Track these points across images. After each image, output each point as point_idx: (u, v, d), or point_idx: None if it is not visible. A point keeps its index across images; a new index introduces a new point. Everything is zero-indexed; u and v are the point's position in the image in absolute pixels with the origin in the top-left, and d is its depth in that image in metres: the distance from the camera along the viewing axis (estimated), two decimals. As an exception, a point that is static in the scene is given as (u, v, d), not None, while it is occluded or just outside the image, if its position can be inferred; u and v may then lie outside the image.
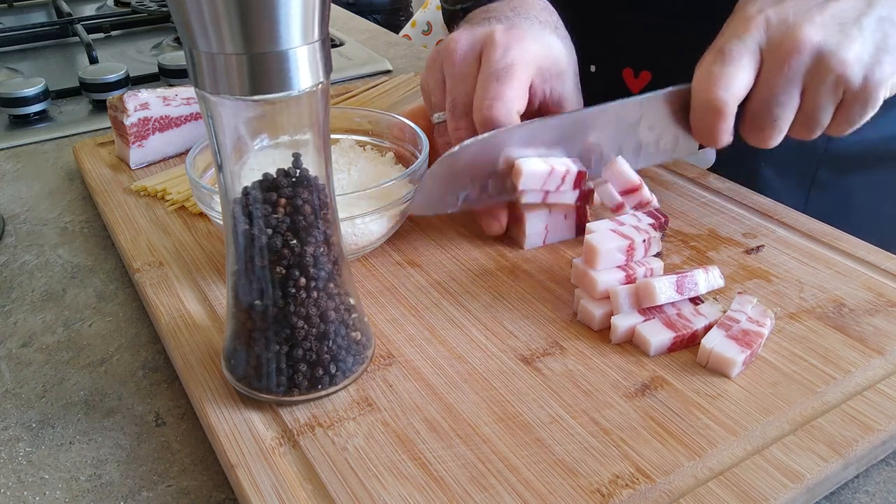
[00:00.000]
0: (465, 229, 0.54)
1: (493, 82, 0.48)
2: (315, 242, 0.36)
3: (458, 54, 0.51)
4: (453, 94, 0.50)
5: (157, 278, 0.49)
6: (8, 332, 0.48)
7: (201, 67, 0.31)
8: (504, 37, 0.50)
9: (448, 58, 0.51)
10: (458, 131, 0.50)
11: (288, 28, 0.30)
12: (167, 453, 0.39)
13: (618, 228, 0.45)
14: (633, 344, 0.42)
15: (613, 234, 0.45)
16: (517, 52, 0.49)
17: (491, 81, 0.48)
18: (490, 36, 0.50)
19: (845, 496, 0.35)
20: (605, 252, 0.44)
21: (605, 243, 0.44)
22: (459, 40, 0.51)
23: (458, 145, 0.47)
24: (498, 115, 0.48)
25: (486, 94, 0.48)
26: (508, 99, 0.48)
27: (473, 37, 0.51)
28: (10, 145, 0.75)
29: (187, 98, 0.65)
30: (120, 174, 0.64)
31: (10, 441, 0.39)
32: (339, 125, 0.58)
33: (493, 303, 0.46)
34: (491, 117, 0.48)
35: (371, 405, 0.38)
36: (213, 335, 0.44)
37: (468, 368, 0.41)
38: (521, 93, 0.49)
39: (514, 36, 0.50)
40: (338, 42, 1.01)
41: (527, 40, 0.50)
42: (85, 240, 0.58)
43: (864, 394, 0.38)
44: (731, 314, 0.42)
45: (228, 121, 0.33)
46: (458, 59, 0.51)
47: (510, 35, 0.50)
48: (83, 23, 1.04)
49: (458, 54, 0.51)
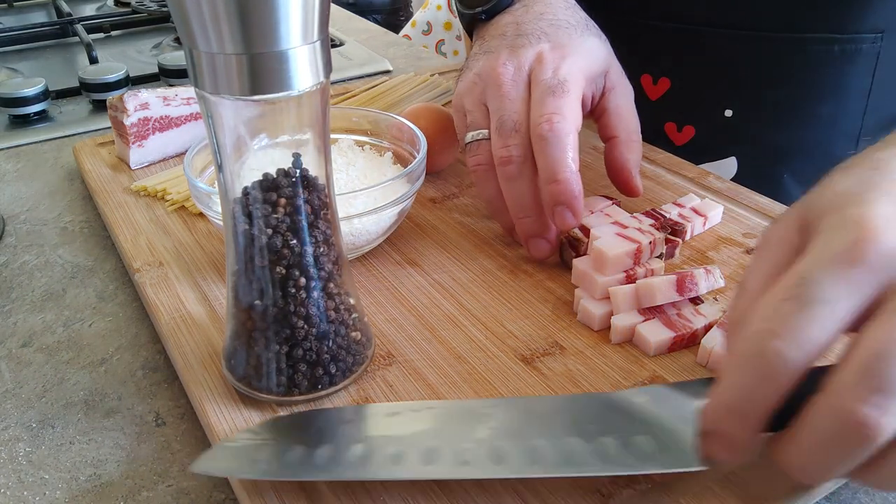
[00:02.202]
0: (465, 229, 0.54)
1: (549, 97, 0.47)
2: (315, 242, 0.36)
3: (507, 77, 0.49)
4: (500, 113, 0.48)
5: (157, 278, 0.49)
6: (8, 332, 0.48)
7: (201, 67, 0.31)
8: (552, 55, 0.50)
9: (494, 80, 0.50)
10: (505, 148, 0.47)
11: (288, 28, 0.30)
12: (167, 453, 0.39)
13: (623, 232, 0.45)
14: (633, 344, 0.42)
15: (620, 238, 0.45)
16: (567, 68, 0.49)
17: (547, 97, 0.47)
18: (539, 56, 0.50)
19: (845, 496, 0.35)
20: (615, 258, 0.44)
21: (615, 249, 0.44)
22: (505, 62, 0.50)
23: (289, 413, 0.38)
24: (560, 129, 0.45)
25: (545, 109, 0.46)
26: (568, 113, 0.46)
27: (519, 58, 0.50)
28: (10, 145, 0.75)
29: (187, 98, 0.65)
30: (120, 174, 0.64)
31: (10, 441, 0.39)
32: (338, 125, 0.58)
33: (493, 303, 0.46)
34: (553, 130, 0.45)
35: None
36: (213, 335, 0.44)
37: (468, 368, 0.41)
38: (578, 107, 0.48)
39: (561, 53, 0.50)
40: (338, 42, 1.01)
41: (572, 54, 0.50)
42: (85, 240, 0.58)
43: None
44: None
45: (228, 121, 0.33)
46: (507, 80, 0.49)
47: (556, 53, 0.50)
48: (83, 23, 1.04)
49: (507, 77, 0.49)
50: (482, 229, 0.54)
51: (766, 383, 0.28)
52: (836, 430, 0.27)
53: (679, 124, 0.72)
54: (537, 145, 0.46)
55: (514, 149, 0.47)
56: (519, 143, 0.47)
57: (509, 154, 0.47)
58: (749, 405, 0.29)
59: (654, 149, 0.64)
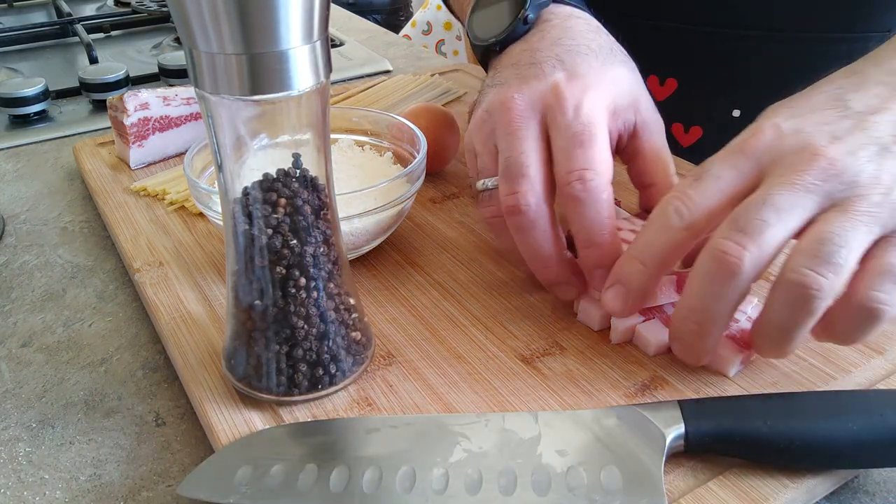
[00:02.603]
0: (465, 229, 0.54)
1: (577, 149, 0.41)
2: (315, 242, 0.36)
3: (516, 111, 0.43)
4: (507, 154, 0.43)
5: (157, 278, 0.49)
6: (8, 332, 0.48)
7: (201, 67, 0.31)
8: (569, 89, 0.43)
9: (503, 116, 0.44)
10: (512, 196, 0.41)
11: (288, 28, 0.30)
12: (167, 453, 0.39)
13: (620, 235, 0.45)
14: (634, 344, 0.42)
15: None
16: (589, 105, 0.43)
17: (575, 148, 0.41)
18: (554, 90, 0.43)
19: (845, 496, 0.35)
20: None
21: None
22: (514, 96, 0.44)
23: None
24: (595, 187, 0.40)
25: (575, 165, 0.41)
26: (600, 167, 0.41)
27: (531, 90, 0.44)
28: (10, 145, 0.75)
29: (187, 98, 0.65)
30: (120, 174, 0.64)
31: (10, 441, 0.39)
32: (338, 125, 0.58)
33: (493, 303, 0.46)
34: (587, 190, 0.40)
35: (371, 405, 0.38)
36: (213, 335, 0.44)
37: (468, 368, 0.41)
38: (609, 156, 0.42)
39: (580, 86, 0.43)
40: (338, 42, 1.01)
41: (593, 87, 0.44)
42: (85, 240, 0.58)
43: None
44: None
45: (228, 121, 0.33)
46: (516, 115, 0.43)
47: (575, 86, 0.43)
48: (83, 23, 1.04)
49: (516, 111, 0.43)
50: (482, 229, 0.54)
51: (661, 232, 0.37)
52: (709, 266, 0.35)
53: (686, 125, 0.72)
54: (570, 205, 0.41)
55: (521, 197, 0.41)
56: (528, 189, 0.41)
57: (517, 203, 0.41)
58: (646, 251, 0.37)
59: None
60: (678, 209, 0.37)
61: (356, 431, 0.36)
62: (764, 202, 0.34)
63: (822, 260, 0.33)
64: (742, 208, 0.35)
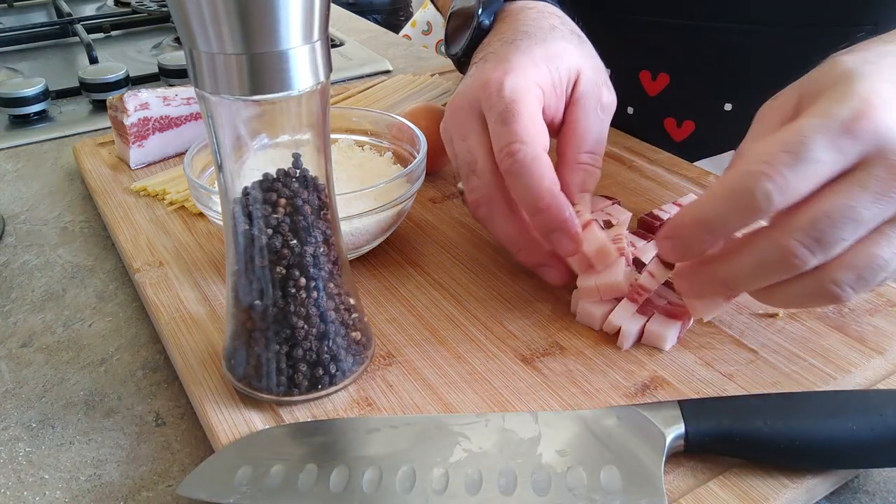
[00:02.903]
0: (465, 229, 0.54)
1: (500, 127, 0.42)
2: (315, 242, 0.36)
3: (458, 115, 0.46)
4: (458, 156, 0.46)
5: (157, 278, 0.49)
6: (8, 332, 0.48)
7: (201, 67, 0.31)
8: (494, 75, 0.44)
9: (452, 121, 0.46)
10: (472, 193, 0.44)
11: (288, 28, 0.30)
12: (167, 453, 0.39)
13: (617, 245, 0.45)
14: (641, 343, 0.42)
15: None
16: (511, 84, 0.43)
17: (498, 127, 0.43)
18: (482, 82, 0.45)
19: (845, 496, 0.35)
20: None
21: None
22: (456, 101, 0.46)
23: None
24: (523, 157, 0.41)
25: (500, 142, 0.42)
26: (526, 136, 0.42)
27: (467, 91, 0.46)
28: (10, 145, 0.75)
29: (187, 98, 0.65)
30: (120, 174, 0.64)
31: (10, 441, 0.39)
32: (338, 125, 0.58)
33: (493, 303, 0.46)
34: (517, 161, 0.41)
35: (371, 405, 0.38)
36: (213, 335, 0.44)
37: (468, 368, 0.41)
38: (537, 125, 0.43)
39: (503, 69, 0.45)
40: (338, 42, 1.01)
41: (518, 67, 0.45)
42: (85, 240, 0.58)
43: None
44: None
45: (228, 121, 0.33)
46: (459, 119, 0.46)
47: (498, 70, 0.45)
48: (83, 23, 1.04)
49: (458, 115, 0.46)
50: (482, 229, 0.54)
51: (742, 213, 0.34)
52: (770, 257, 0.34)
53: (679, 119, 0.72)
54: (508, 182, 0.43)
55: (475, 192, 0.44)
56: (479, 184, 0.44)
57: (475, 198, 0.45)
58: (717, 224, 0.35)
59: (654, 149, 0.64)
60: (768, 194, 0.33)
61: (356, 431, 0.36)
62: (849, 218, 0.33)
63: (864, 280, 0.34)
64: (825, 218, 0.33)
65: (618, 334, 0.42)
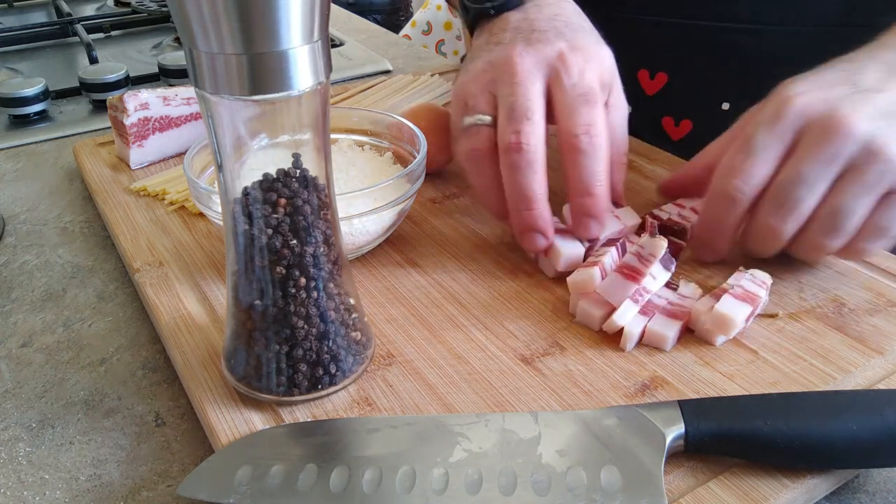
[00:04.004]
0: (465, 229, 0.54)
1: (583, 106, 0.45)
2: (315, 242, 0.36)
3: (523, 66, 0.47)
4: (512, 100, 0.46)
5: (157, 278, 0.49)
6: (8, 332, 0.48)
7: (201, 67, 0.31)
8: (573, 57, 0.47)
9: (509, 68, 0.47)
10: (515, 134, 0.45)
11: (288, 28, 0.30)
12: (167, 453, 0.39)
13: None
14: (641, 344, 0.42)
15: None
16: (591, 75, 0.47)
17: (581, 105, 0.45)
18: (560, 55, 0.47)
19: (845, 496, 0.35)
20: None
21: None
22: (522, 54, 0.47)
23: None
24: (598, 143, 0.45)
25: (581, 119, 0.45)
26: (602, 126, 0.45)
27: (537, 52, 0.47)
28: (10, 145, 0.75)
29: (187, 98, 0.65)
30: (120, 174, 0.64)
31: (10, 441, 0.39)
32: (338, 125, 0.58)
33: (493, 303, 0.46)
34: (593, 144, 0.44)
35: (371, 405, 0.38)
36: (213, 335, 0.44)
37: (468, 368, 0.41)
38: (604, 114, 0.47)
39: (582, 57, 0.47)
40: (338, 42, 1.01)
41: (592, 60, 0.48)
42: (85, 240, 0.58)
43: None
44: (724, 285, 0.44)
45: (228, 121, 0.33)
46: (522, 69, 0.47)
47: (578, 55, 0.47)
48: (83, 23, 1.04)
49: (523, 66, 0.47)
50: (482, 229, 0.54)
51: (728, 209, 0.44)
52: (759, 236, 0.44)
53: (676, 119, 0.73)
54: (572, 157, 0.45)
55: (524, 136, 0.45)
56: (531, 131, 0.45)
57: (519, 141, 0.44)
58: (717, 224, 0.45)
59: (654, 149, 0.64)
60: (739, 188, 0.43)
61: (356, 431, 0.36)
62: (799, 182, 0.42)
63: (837, 230, 0.42)
64: (780, 188, 0.42)
65: (617, 334, 0.42)
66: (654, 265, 0.43)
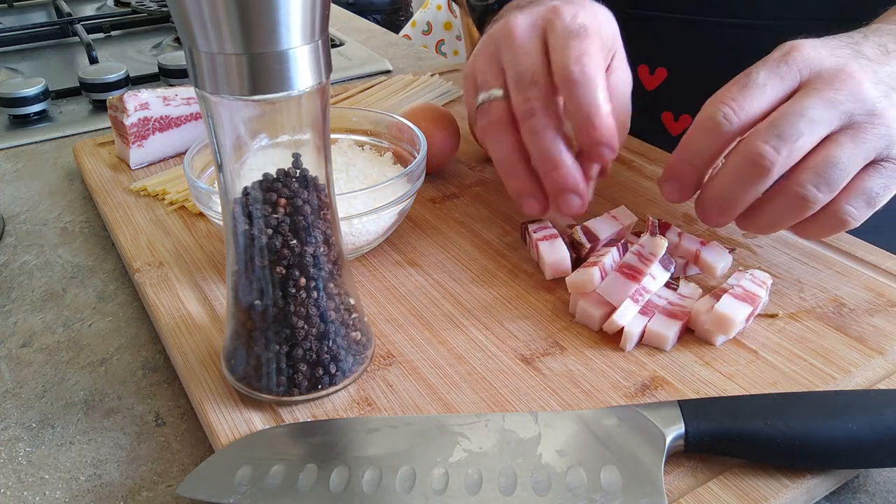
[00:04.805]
0: (465, 229, 0.54)
1: (572, 40, 0.44)
2: (315, 242, 0.36)
3: (520, 30, 0.46)
4: (516, 66, 0.46)
5: (157, 278, 0.49)
6: (8, 332, 0.48)
7: (201, 67, 0.31)
8: (567, 7, 0.46)
9: (507, 35, 0.47)
10: (526, 102, 0.45)
11: (288, 28, 0.30)
12: (167, 453, 0.39)
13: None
14: (641, 344, 0.42)
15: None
16: (582, 19, 0.46)
17: (570, 40, 0.44)
18: (552, 9, 0.47)
19: (845, 496, 0.35)
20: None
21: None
22: (518, 18, 0.47)
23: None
24: (590, 70, 0.43)
25: (570, 52, 0.44)
26: (595, 54, 0.44)
27: (532, 14, 0.47)
28: (10, 145, 0.75)
29: (187, 98, 0.65)
30: (120, 174, 0.64)
31: (10, 441, 0.39)
32: (338, 125, 0.58)
33: (493, 303, 0.46)
34: (584, 72, 0.43)
35: (371, 405, 0.38)
36: (213, 335, 0.44)
37: (468, 368, 0.41)
38: (602, 52, 0.45)
39: (574, 8, 0.46)
40: (338, 42, 1.01)
41: (586, 9, 0.47)
42: (85, 240, 0.58)
43: (864, 394, 0.38)
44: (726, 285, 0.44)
45: (228, 121, 0.33)
46: (520, 33, 0.46)
47: (571, 7, 0.46)
48: (83, 23, 1.04)
49: (520, 30, 0.46)
50: (482, 229, 0.54)
51: (711, 137, 0.41)
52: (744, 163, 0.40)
53: (676, 114, 0.73)
54: (567, 90, 0.44)
55: (535, 101, 0.45)
56: (539, 94, 0.45)
57: (531, 107, 0.44)
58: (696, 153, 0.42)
59: (654, 148, 0.64)
60: (727, 115, 0.41)
61: (356, 431, 0.36)
62: (802, 114, 0.39)
63: (826, 181, 0.39)
64: (781, 117, 0.40)
65: (617, 334, 0.42)
66: (653, 265, 0.43)
